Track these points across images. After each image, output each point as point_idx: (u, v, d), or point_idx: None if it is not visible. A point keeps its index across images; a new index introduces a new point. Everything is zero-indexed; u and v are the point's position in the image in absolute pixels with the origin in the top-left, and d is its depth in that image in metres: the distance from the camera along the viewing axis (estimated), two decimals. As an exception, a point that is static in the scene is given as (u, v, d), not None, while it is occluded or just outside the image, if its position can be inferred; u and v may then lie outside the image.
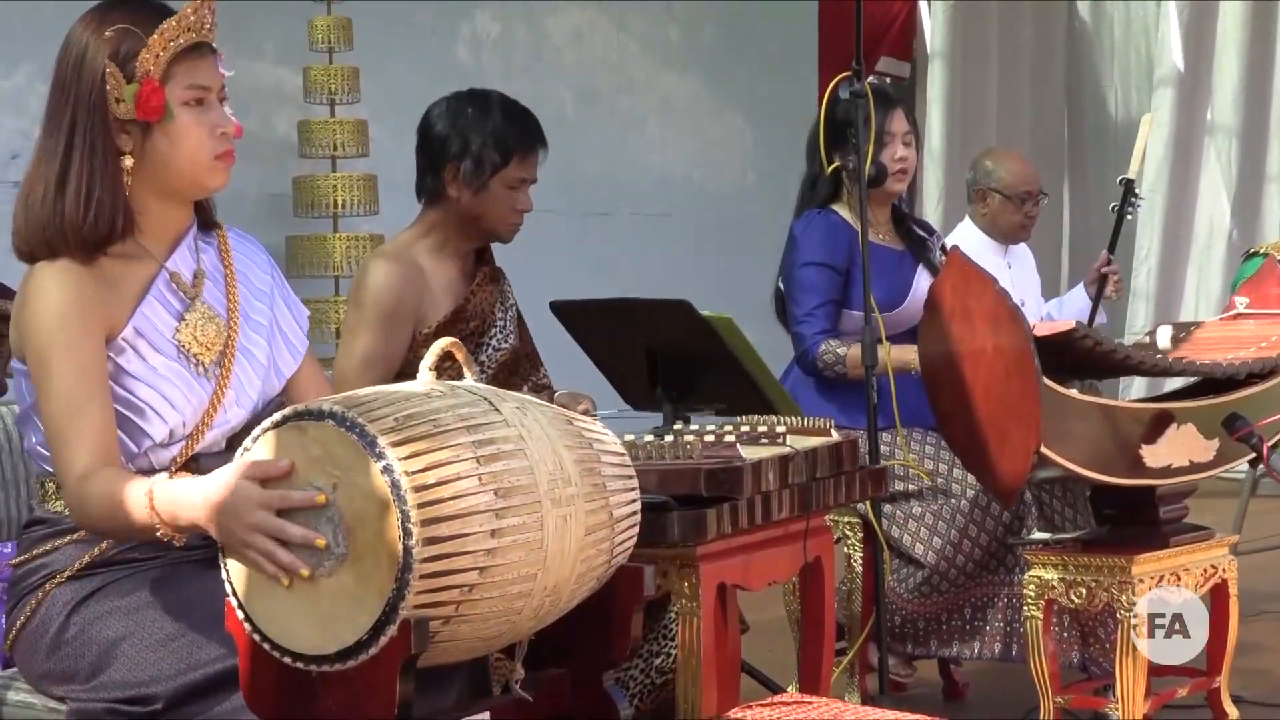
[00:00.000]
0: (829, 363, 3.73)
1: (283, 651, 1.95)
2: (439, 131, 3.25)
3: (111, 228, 2.27)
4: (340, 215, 6.08)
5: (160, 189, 2.32)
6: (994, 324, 3.16)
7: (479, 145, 3.21)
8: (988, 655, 3.61)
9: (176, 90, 2.28)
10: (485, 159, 3.20)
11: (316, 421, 1.96)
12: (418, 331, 3.19)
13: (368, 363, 3.14)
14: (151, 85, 2.25)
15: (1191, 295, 8.18)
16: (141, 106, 2.25)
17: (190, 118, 2.29)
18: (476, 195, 3.22)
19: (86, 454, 2.18)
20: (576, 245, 7.27)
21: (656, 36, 7.97)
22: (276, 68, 6.36)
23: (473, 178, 3.21)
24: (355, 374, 3.10)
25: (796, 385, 3.79)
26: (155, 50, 2.25)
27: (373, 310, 3.17)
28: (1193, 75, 8.17)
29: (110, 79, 2.25)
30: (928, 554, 3.59)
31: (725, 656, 2.83)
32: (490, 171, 3.21)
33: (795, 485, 2.75)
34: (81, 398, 2.20)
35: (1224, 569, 3.43)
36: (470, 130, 3.22)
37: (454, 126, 3.23)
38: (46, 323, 2.22)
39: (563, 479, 2.06)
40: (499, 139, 3.22)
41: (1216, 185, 8.16)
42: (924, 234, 3.96)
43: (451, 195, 3.23)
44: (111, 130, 2.27)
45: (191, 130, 2.29)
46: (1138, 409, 3.30)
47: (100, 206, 2.25)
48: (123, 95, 2.25)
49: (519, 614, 2.04)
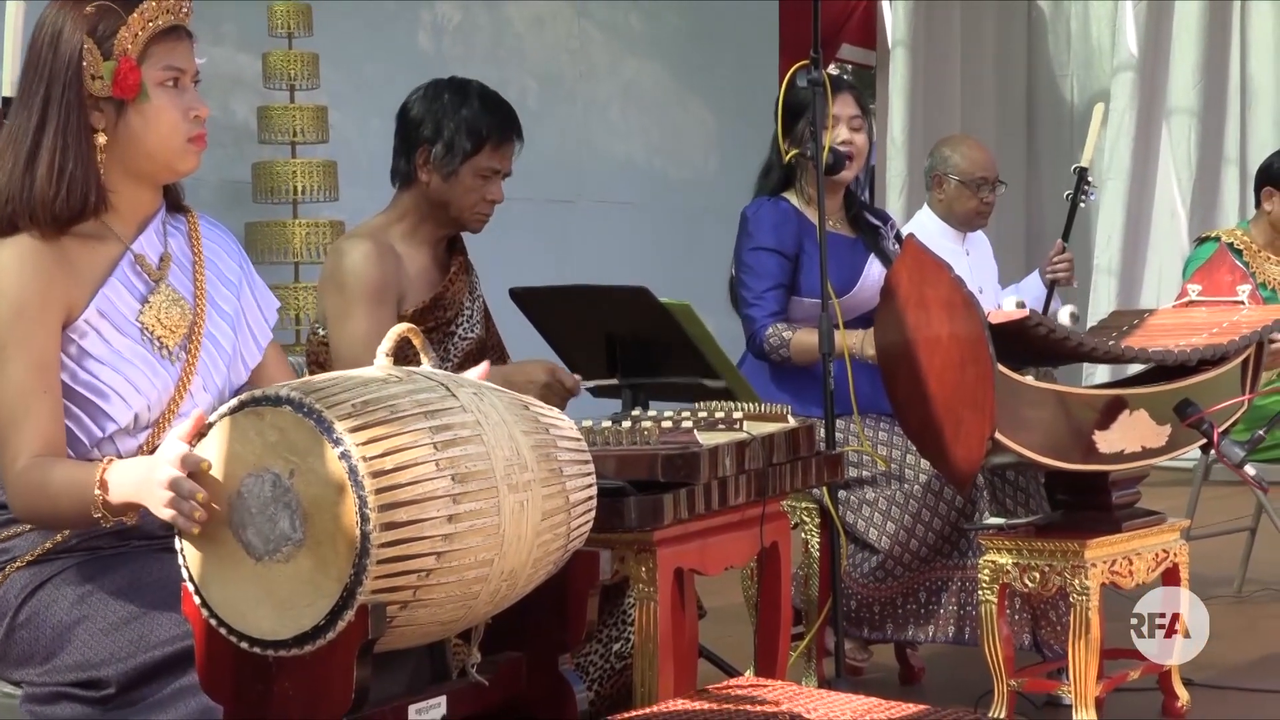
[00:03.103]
0: (774, 345, 3.75)
1: (239, 636, 1.96)
2: (415, 114, 3.26)
3: (84, 204, 2.26)
4: (300, 201, 6.07)
5: (131, 169, 2.32)
6: (949, 311, 3.19)
7: (451, 131, 3.21)
8: (942, 638, 3.64)
9: (153, 71, 2.28)
10: (456, 145, 3.21)
11: (274, 407, 1.96)
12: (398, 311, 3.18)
13: (368, 342, 3.07)
14: (129, 63, 2.25)
15: (1153, 278, 8.26)
16: (119, 84, 2.25)
17: (165, 99, 2.30)
18: (446, 181, 3.23)
19: (32, 445, 2.18)
20: (538, 233, 7.28)
21: (618, 23, 7.98)
22: (236, 53, 6.34)
23: (443, 163, 3.21)
24: (359, 358, 2.90)
25: (751, 372, 3.81)
26: (135, 29, 2.26)
27: (359, 290, 3.14)
28: (1150, 62, 8.24)
29: (88, 55, 2.25)
30: (882, 539, 3.61)
31: (682, 641, 2.85)
32: (461, 158, 3.21)
33: (752, 471, 2.77)
34: (33, 391, 2.19)
35: (1175, 553, 3.47)
36: (444, 115, 3.22)
37: (429, 110, 3.24)
38: (2, 313, 2.21)
39: (519, 464, 2.07)
40: (472, 126, 3.22)
41: (1174, 170, 8.24)
42: (877, 222, 3.98)
43: (422, 179, 3.24)
44: (86, 107, 2.27)
45: (166, 111, 2.29)
46: (1091, 395, 3.33)
47: (73, 181, 2.25)
48: (100, 72, 2.25)
49: (476, 598, 2.05)
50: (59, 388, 2.23)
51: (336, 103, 6.28)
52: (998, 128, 8.57)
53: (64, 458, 2.21)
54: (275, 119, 6.12)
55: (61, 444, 2.22)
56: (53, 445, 2.20)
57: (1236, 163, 8.18)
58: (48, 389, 2.20)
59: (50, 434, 2.20)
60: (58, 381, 2.23)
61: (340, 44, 6.47)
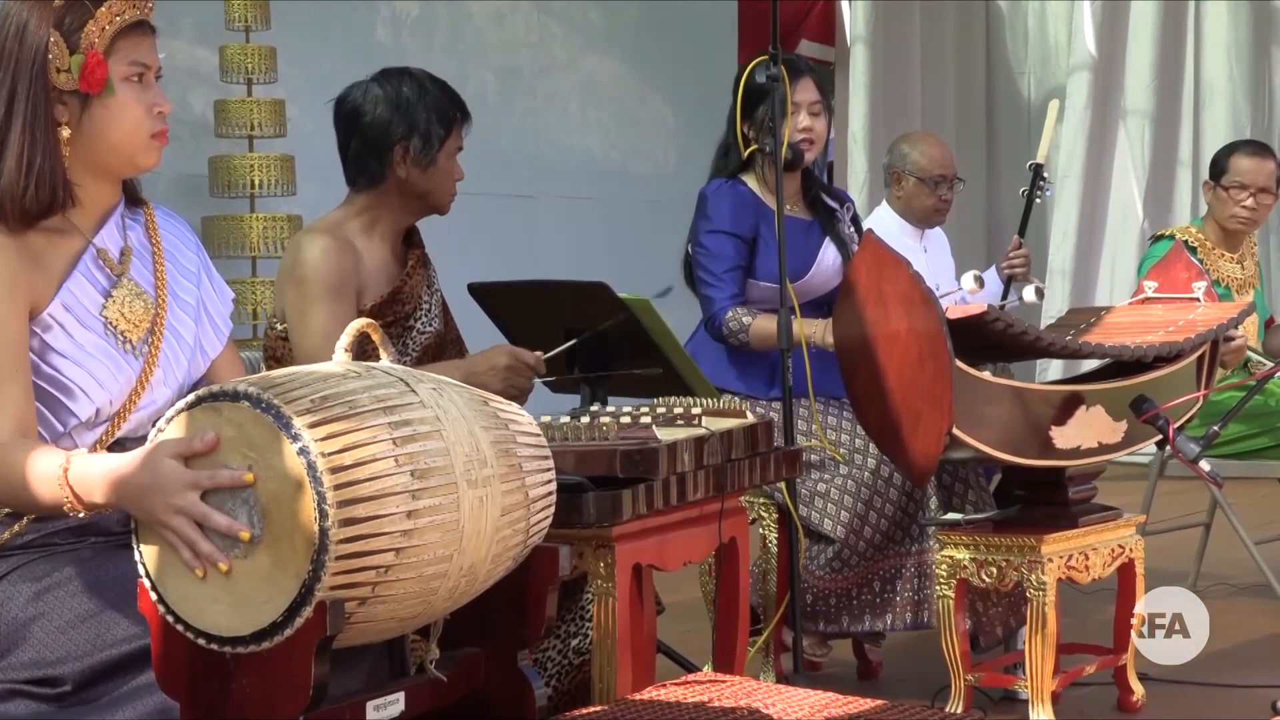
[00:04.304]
0: (733, 330, 3.77)
1: (196, 633, 1.95)
2: (380, 115, 3.22)
3: (53, 198, 2.25)
4: (257, 195, 6.04)
5: (93, 163, 2.31)
6: (908, 307, 3.20)
7: (425, 122, 3.21)
8: (899, 626, 3.65)
9: (118, 65, 2.28)
10: (433, 133, 3.22)
11: (231, 402, 1.95)
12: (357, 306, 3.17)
13: (329, 336, 3.06)
14: (96, 57, 2.25)
15: (1106, 275, 8.31)
16: (85, 78, 2.24)
17: (130, 94, 2.29)
18: (425, 171, 3.23)
19: (4, 428, 2.17)
20: (497, 227, 7.26)
21: (577, 18, 7.97)
22: (193, 47, 6.31)
23: (423, 154, 3.21)
24: (322, 351, 2.94)
25: (700, 348, 3.83)
26: (102, 23, 2.25)
27: (317, 285, 3.12)
28: (1106, 62, 8.29)
29: (54, 48, 2.24)
30: (835, 528, 3.62)
31: (641, 636, 2.85)
32: (438, 145, 3.22)
33: (710, 466, 2.77)
34: (4, 373, 2.18)
35: (1131, 549, 3.50)
36: (413, 109, 3.22)
37: (395, 108, 3.22)
38: None
39: (479, 460, 2.07)
40: (440, 112, 3.23)
41: (1129, 169, 8.31)
42: (834, 204, 4.00)
43: (400, 175, 3.22)
44: (51, 100, 2.26)
45: (130, 106, 2.29)
46: (1048, 391, 3.35)
47: (41, 176, 2.24)
48: (66, 65, 2.24)
49: (435, 595, 2.04)
50: (30, 372, 2.22)
51: (294, 97, 6.25)
52: (956, 125, 8.60)
53: (36, 441, 2.19)
54: (232, 113, 6.08)
55: (33, 427, 2.21)
56: (25, 428, 2.19)
57: (1189, 164, 8.25)
58: (19, 372, 2.19)
59: (22, 416, 2.19)
60: (29, 365, 2.22)
61: (298, 38, 6.44)
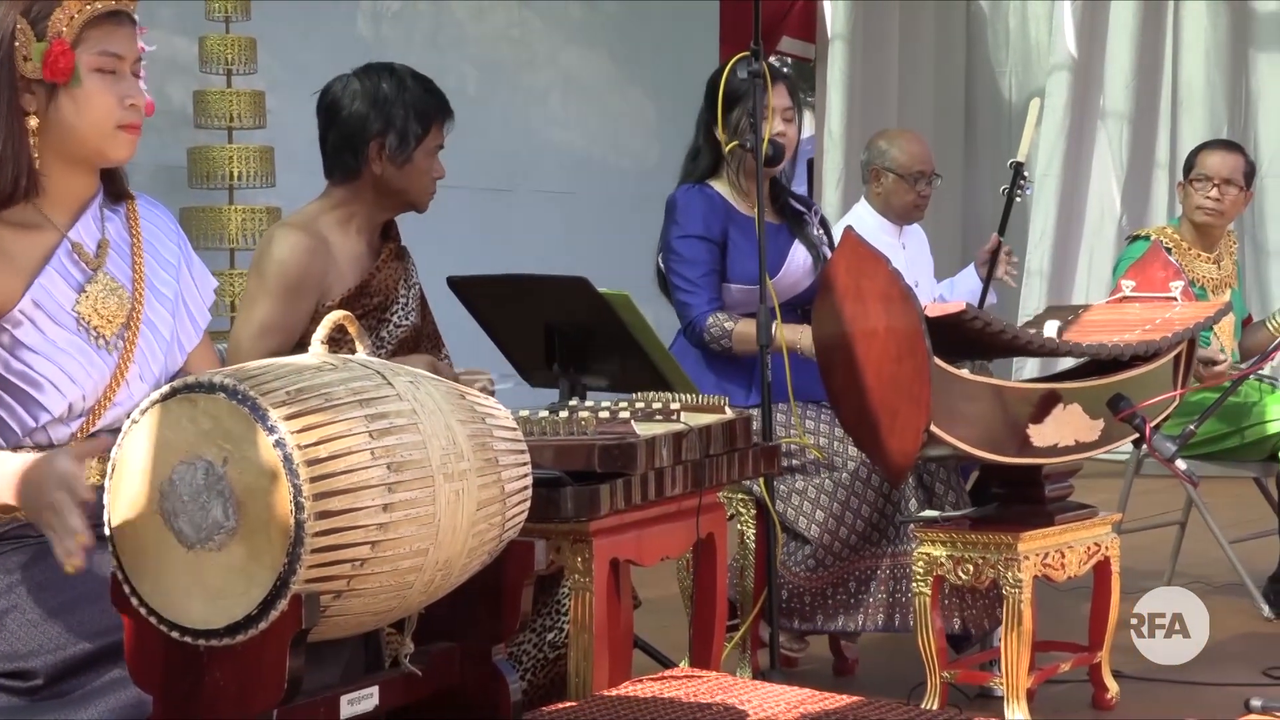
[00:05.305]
0: (715, 335, 3.77)
1: (170, 626, 1.94)
2: (357, 110, 3.22)
3: (15, 186, 2.23)
4: (236, 187, 6.02)
5: (64, 154, 2.29)
6: (886, 305, 3.20)
7: (402, 119, 3.20)
8: (871, 627, 3.66)
9: (87, 55, 2.25)
10: (409, 131, 3.20)
11: (207, 394, 1.94)
12: (321, 304, 3.17)
13: (265, 331, 3.12)
14: (62, 46, 2.22)
15: (1083, 276, 8.33)
16: (49, 66, 2.22)
17: (99, 84, 2.26)
18: (401, 168, 3.21)
19: None
20: (478, 222, 7.25)
21: (558, 12, 7.95)
22: (172, 36, 6.27)
23: (398, 152, 3.20)
24: (251, 342, 3.08)
25: (679, 355, 3.82)
26: (70, 11, 2.23)
27: (276, 280, 3.14)
28: (1085, 63, 8.31)
29: (20, 35, 2.22)
30: (811, 527, 3.63)
31: (617, 631, 2.85)
32: (414, 143, 3.21)
33: (689, 462, 2.77)
34: None
35: (1107, 546, 3.51)
36: (390, 105, 3.20)
37: (373, 104, 3.21)
38: None
39: (455, 453, 2.06)
40: (419, 110, 3.22)
41: (1107, 169, 8.33)
42: (802, 208, 4.01)
43: (375, 171, 3.22)
44: (18, 88, 2.24)
45: (98, 96, 2.26)
46: (1026, 389, 3.35)
47: (3, 163, 2.22)
48: (30, 54, 2.22)
49: (410, 588, 2.04)
50: None
51: (274, 88, 6.22)
52: (934, 122, 8.61)
53: None
54: (212, 104, 6.06)
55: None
56: None
57: (1166, 166, 8.27)
58: None
59: None
60: None
61: (278, 29, 6.41)
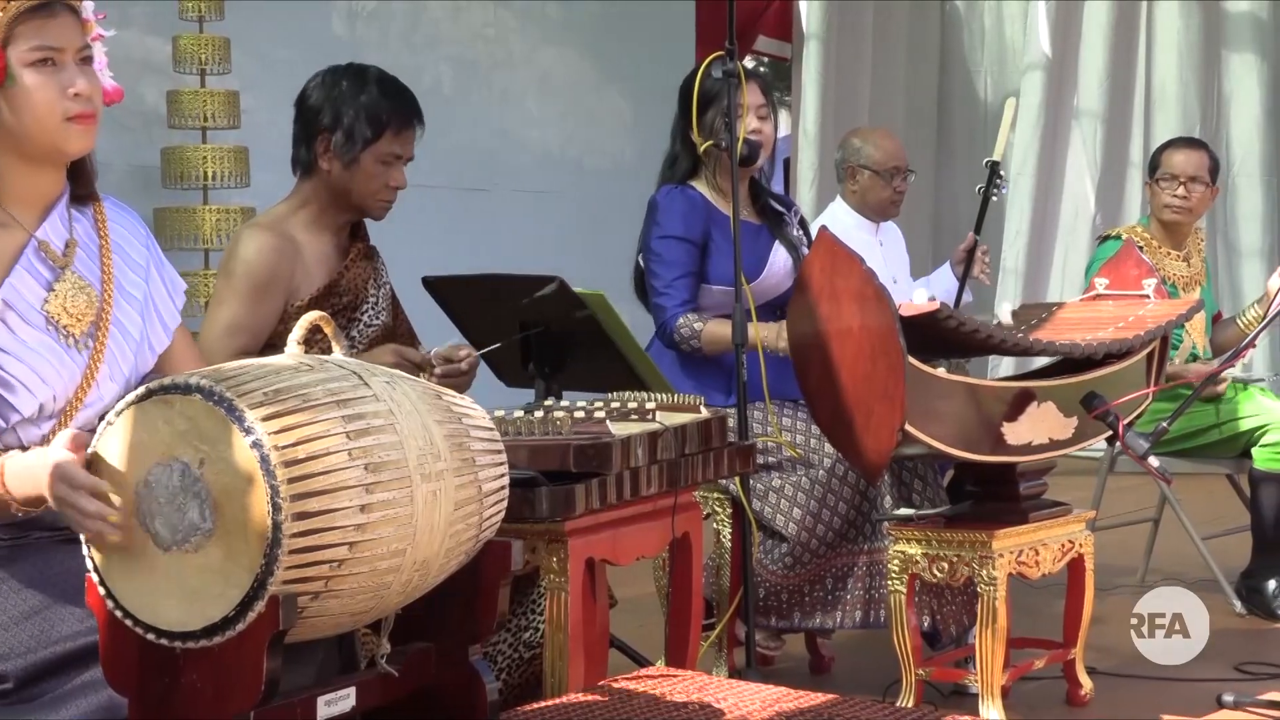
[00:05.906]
0: (685, 336, 3.77)
1: (146, 628, 1.94)
2: (313, 102, 3.24)
3: None
4: (210, 187, 6.00)
5: (20, 153, 2.28)
6: (861, 304, 3.21)
7: (350, 118, 3.19)
8: (849, 624, 3.67)
9: (19, 52, 2.24)
10: (356, 132, 3.19)
11: (183, 395, 1.94)
12: (289, 304, 3.17)
13: (232, 331, 3.12)
14: None
15: (1058, 275, 8.36)
16: None
17: (36, 80, 2.25)
18: (347, 168, 3.21)
19: None
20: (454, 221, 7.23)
21: (534, 11, 7.94)
22: (145, 36, 6.24)
23: (343, 150, 3.19)
24: (218, 342, 3.08)
25: (656, 355, 3.83)
26: None
27: (243, 280, 3.14)
28: (1060, 62, 8.34)
29: None
30: (789, 525, 3.64)
31: (593, 631, 2.85)
32: (361, 145, 3.20)
33: (664, 461, 2.78)
34: None
35: (1080, 544, 3.53)
36: (343, 102, 3.20)
37: (328, 98, 3.22)
38: None
39: (432, 454, 2.07)
40: (372, 113, 3.20)
41: (1081, 169, 8.36)
42: (782, 209, 4.02)
43: (323, 167, 3.22)
44: None
45: (37, 93, 2.25)
46: (1000, 387, 3.37)
47: None
48: None
49: (388, 589, 2.04)
50: None
51: (248, 88, 6.20)
52: (907, 121, 8.62)
53: None
54: (185, 104, 6.03)
55: None
56: None
57: (1140, 165, 8.29)
58: None
59: None
60: None
61: (252, 28, 6.38)
